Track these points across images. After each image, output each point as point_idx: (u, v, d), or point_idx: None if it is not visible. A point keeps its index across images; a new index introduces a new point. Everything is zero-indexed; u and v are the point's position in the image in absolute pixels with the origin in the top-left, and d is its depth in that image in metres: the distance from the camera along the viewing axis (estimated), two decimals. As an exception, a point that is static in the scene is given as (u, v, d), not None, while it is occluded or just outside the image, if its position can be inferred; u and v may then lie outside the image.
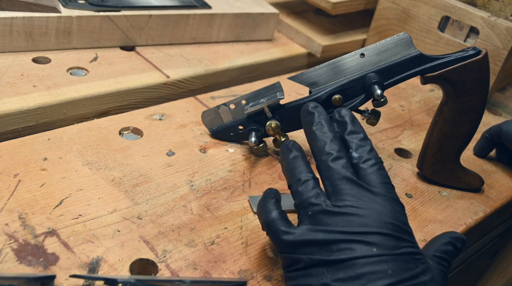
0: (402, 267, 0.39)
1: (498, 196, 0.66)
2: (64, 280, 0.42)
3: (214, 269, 0.47)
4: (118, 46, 0.77)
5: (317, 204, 0.43)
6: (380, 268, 0.39)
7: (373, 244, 0.40)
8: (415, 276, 0.40)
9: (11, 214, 0.47)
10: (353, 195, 0.42)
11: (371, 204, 0.42)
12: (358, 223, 0.41)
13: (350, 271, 0.39)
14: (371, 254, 0.39)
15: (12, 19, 0.66)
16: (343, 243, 0.40)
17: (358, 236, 0.40)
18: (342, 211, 0.42)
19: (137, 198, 0.53)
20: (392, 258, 0.40)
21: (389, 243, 0.40)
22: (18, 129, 0.61)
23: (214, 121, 0.64)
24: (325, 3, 0.87)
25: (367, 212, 0.41)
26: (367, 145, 0.46)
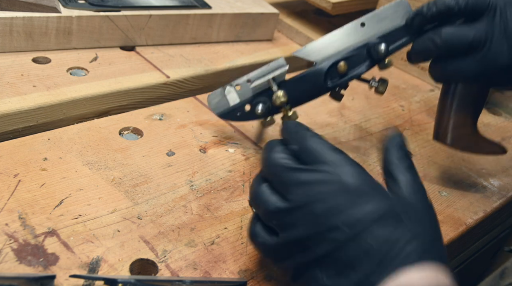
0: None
1: (498, 196, 0.66)
2: (64, 280, 0.42)
3: (214, 269, 0.47)
4: (118, 46, 0.77)
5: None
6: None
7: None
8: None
9: (11, 214, 0.47)
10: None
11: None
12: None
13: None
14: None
15: (12, 19, 0.66)
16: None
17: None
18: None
19: (137, 198, 0.53)
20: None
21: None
22: (18, 129, 0.61)
23: (220, 103, 0.62)
24: (325, 3, 0.87)
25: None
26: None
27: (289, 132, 0.44)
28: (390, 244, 0.36)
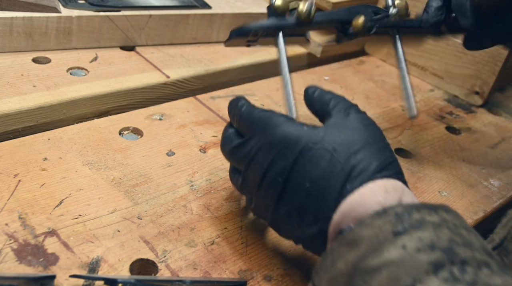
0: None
1: (498, 196, 0.66)
2: (64, 280, 0.42)
3: (214, 269, 0.47)
4: (118, 46, 0.77)
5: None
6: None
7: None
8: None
9: (11, 214, 0.47)
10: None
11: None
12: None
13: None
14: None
15: (12, 19, 0.66)
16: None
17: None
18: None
19: (137, 198, 0.53)
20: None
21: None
22: (18, 129, 0.61)
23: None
24: (325, 3, 0.87)
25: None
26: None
27: (229, 112, 0.49)
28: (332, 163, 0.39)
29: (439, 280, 0.29)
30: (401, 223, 0.33)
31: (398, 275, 0.31)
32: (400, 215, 0.34)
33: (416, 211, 0.34)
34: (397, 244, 0.32)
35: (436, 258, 0.31)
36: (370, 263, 0.33)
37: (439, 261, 0.31)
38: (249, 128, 0.45)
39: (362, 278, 0.32)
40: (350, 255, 0.34)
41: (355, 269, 0.33)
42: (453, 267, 0.30)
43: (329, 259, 0.36)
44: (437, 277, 0.30)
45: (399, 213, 0.34)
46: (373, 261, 0.32)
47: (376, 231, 0.34)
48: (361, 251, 0.34)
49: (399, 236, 0.33)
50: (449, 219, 0.34)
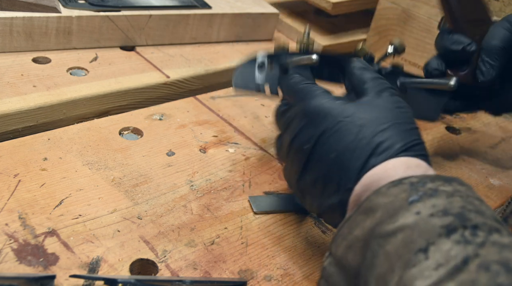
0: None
1: (498, 196, 0.66)
2: (64, 280, 0.42)
3: (214, 269, 0.47)
4: (118, 46, 0.77)
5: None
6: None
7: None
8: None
9: (11, 214, 0.47)
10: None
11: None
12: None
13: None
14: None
15: (12, 19, 0.66)
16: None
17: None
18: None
19: (137, 198, 0.53)
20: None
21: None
22: (18, 129, 0.61)
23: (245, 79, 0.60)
24: (325, 3, 0.87)
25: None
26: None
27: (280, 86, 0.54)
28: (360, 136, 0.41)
29: (451, 242, 0.31)
30: (415, 192, 0.35)
31: (412, 238, 0.32)
32: (415, 184, 0.35)
33: (431, 181, 0.36)
34: (412, 210, 0.34)
35: (449, 222, 0.32)
36: (385, 228, 0.34)
37: (452, 225, 0.32)
38: (292, 98, 0.49)
39: (378, 242, 0.34)
40: (366, 222, 0.36)
41: (371, 235, 0.35)
42: (465, 231, 0.31)
43: (346, 227, 0.38)
44: (449, 239, 0.31)
45: (413, 182, 0.36)
46: (389, 227, 0.34)
47: (391, 199, 0.35)
48: (377, 218, 0.35)
49: (414, 203, 0.34)
50: (462, 190, 0.36)
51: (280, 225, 0.54)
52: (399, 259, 0.32)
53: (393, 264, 0.33)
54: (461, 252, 0.30)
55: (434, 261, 0.31)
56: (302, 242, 0.52)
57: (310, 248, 0.52)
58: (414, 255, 0.32)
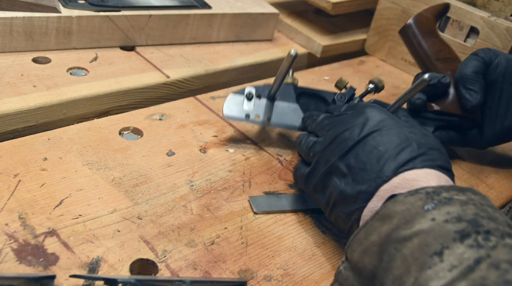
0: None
1: (498, 196, 0.66)
2: (64, 280, 0.42)
3: (214, 269, 0.47)
4: (118, 46, 0.77)
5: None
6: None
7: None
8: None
9: (11, 214, 0.47)
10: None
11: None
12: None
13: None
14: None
15: (12, 19, 0.66)
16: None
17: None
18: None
19: (137, 198, 0.53)
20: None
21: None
22: (18, 129, 0.61)
23: (235, 108, 0.63)
24: (325, 3, 0.87)
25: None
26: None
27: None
28: (391, 148, 0.45)
29: (464, 246, 0.33)
30: (431, 200, 0.38)
31: (428, 242, 0.35)
32: (431, 194, 0.38)
33: (445, 191, 0.38)
34: (427, 217, 0.36)
35: (463, 228, 0.35)
36: (402, 233, 0.37)
37: (465, 231, 0.34)
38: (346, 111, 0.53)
39: (394, 246, 0.37)
40: (383, 228, 0.39)
41: (387, 239, 0.38)
42: (478, 236, 0.34)
43: (363, 233, 0.41)
44: (463, 244, 0.33)
45: (429, 192, 0.38)
46: (405, 232, 0.37)
47: (408, 206, 0.38)
48: (394, 224, 0.38)
49: (429, 211, 0.37)
50: (476, 198, 0.38)
51: (280, 225, 0.54)
52: (415, 262, 0.35)
53: (409, 266, 0.35)
54: (473, 255, 0.33)
55: (448, 263, 0.33)
56: (302, 242, 0.52)
57: (310, 248, 0.52)
58: (430, 258, 0.34)
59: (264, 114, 0.63)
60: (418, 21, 0.69)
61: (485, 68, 0.66)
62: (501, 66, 0.65)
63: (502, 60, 0.66)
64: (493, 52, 0.66)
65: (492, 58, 0.66)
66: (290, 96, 0.64)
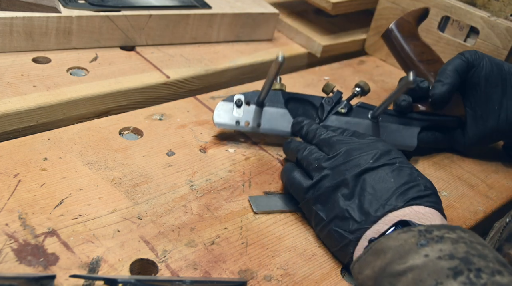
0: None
1: (498, 196, 0.66)
2: (64, 280, 0.42)
3: (214, 269, 0.47)
4: (118, 46, 0.77)
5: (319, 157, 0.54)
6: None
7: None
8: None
9: (11, 214, 0.47)
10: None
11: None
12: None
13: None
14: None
15: (12, 19, 0.66)
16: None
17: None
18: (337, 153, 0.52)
19: (137, 198, 0.53)
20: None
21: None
22: (18, 129, 0.61)
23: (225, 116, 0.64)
24: (325, 3, 0.87)
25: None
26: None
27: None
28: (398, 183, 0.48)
29: (457, 283, 0.35)
30: (424, 237, 0.39)
31: (422, 277, 0.36)
32: (423, 231, 0.40)
33: (437, 229, 0.40)
34: (421, 253, 0.38)
35: (455, 265, 0.36)
36: (396, 268, 0.38)
37: (458, 268, 0.36)
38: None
39: (389, 281, 0.38)
40: (377, 262, 0.40)
41: (381, 273, 0.39)
42: (470, 273, 0.35)
43: (357, 267, 0.43)
44: (456, 280, 0.35)
45: (421, 230, 0.40)
46: (399, 266, 0.38)
47: (401, 242, 0.40)
48: (388, 258, 0.40)
49: (422, 247, 0.38)
50: (466, 236, 0.40)
51: (280, 225, 0.54)
52: None
53: None
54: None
55: None
56: (302, 242, 0.52)
57: (310, 248, 0.52)
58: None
59: (253, 121, 0.64)
60: (399, 25, 0.71)
61: (466, 68, 0.67)
62: (486, 69, 0.67)
63: (487, 63, 0.67)
64: (479, 55, 0.68)
65: (477, 61, 0.67)
66: (279, 101, 0.65)
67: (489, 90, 0.68)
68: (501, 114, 0.68)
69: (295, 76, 0.83)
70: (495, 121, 0.69)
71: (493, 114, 0.68)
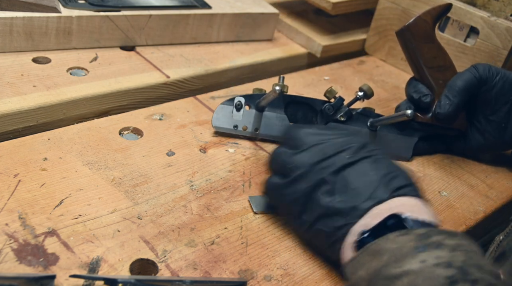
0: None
1: (498, 196, 0.66)
2: (64, 280, 0.42)
3: (214, 269, 0.47)
4: (118, 46, 0.77)
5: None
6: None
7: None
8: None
9: (11, 214, 0.47)
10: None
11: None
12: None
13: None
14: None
15: (12, 19, 0.66)
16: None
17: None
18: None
19: (137, 198, 0.53)
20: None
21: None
22: (18, 129, 0.61)
23: (223, 119, 0.65)
24: (325, 3, 0.87)
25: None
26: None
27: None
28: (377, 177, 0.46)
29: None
30: (422, 242, 0.39)
31: (417, 283, 0.36)
32: (422, 236, 0.40)
33: (436, 235, 0.40)
34: (418, 258, 0.38)
35: (452, 274, 0.36)
36: (392, 271, 0.38)
37: (455, 277, 0.36)
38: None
39: (383, 284, 0.38)
40: (372, 263, 0.40)
41: (376, 275, 0.39)
42: (465, 284, 0.35)
43: (350, 267, 0.43)
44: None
45: (420, 234, 0.40)
46: (395, 270, 0.38)
47: (399, 245, 0.39)
48: (384, 261, 0.39)
49: (420, 252, 0.38)
50: (465, 244, 0.39)
51: (280, 225, 0.54)
52: None
53: None
54: None
55: None
56: (302, 242, 0.52)
57: (310, 248, 0.52)
58: None
59: (252, 125, 0.64)
60: (415, 25, 0.68)
61: (478, 85, 0.66)
62: (497, 87, 0.67)
63: (500, 82, 0.66)
64: (493, 72, 0.67)
65: (490, 78, 0.66)
66: (279, 106, 0.65)
67: (498, 108, 0.67)
68: (507, 130, 0.68)
69: (295, 76, 0.83)
70: (501, 136, 0.69)
71: (499, 129, 0.68)
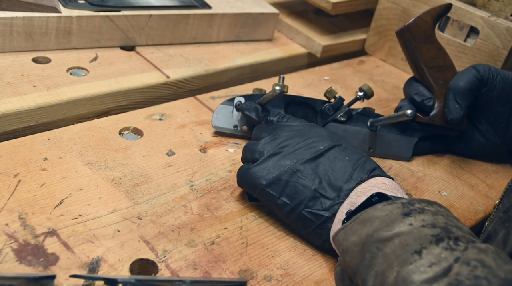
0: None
1: (498, 196, 0.66)
2: (64, 280, 0.42)
3: (214, 269, 0.47)
4: (118, 46, 0.77)
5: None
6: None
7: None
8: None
9: (11, 214, 0.47)
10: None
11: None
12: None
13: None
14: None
15: (12, 19, 0.66)
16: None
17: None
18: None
19: (137, 198, 0.53)
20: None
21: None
22: (18, 129, 0.61)
23: (223, 119, 0.65)
24: (325, 3, 0.87)
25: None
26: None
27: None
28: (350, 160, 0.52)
29: (440, 248, 0.39)
30: (407, 209, 0.43)
31: (408, 242, 0.40)
32: (406, 204, 0.44)
33: (418, 203, 0.44)
34: (406, 222, 0.42)
35: (437, 233, 0.40)
36: (383, 234, 0.42)
37: (439, 235, 0.40)
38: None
39: (376, 246, 0.42)
40: (364, 230, 0.43)
41: (369, 239, 0.42)
42: (450, 240, 0.39)
43: (342, 234, 0.45)
44: (438, 246, 0.39)
45: (404, 203, 0.44)
46: (386, 233, 0.42)
47: (387, 213, 0.43)
48: (375, 226, 0.43)
49: (407, 217, 0.42)
50: (442, 210, 0.44)
51: (280, 225, 0.54)
52: (397, 258, 0.39)
53: (391, 262, 0.40)
54: (450, 256, 0.38)
55: (427, 261, 0.38)
56: (302, 242, 0.52)
57: (310, 248, 0.52)
58: (411, 255, 0.39)
59: (251, 126, 0.64)
60: (415, 25, 0.68)
61: (479, 86, 0.66)
62: (498, 88, 0.67)
63: (500, 82, 0.67)
64: (493, 73, 0.67)
65: (490, 79, 0.66)
66: (279, 106, 0.65)
67: (499, 109, 0.68)
68: (507, 130, 0.68)
69: (295, 76, 0.83)
70: (501, 137, 0.69)
71: (500, 130, 0.69)
